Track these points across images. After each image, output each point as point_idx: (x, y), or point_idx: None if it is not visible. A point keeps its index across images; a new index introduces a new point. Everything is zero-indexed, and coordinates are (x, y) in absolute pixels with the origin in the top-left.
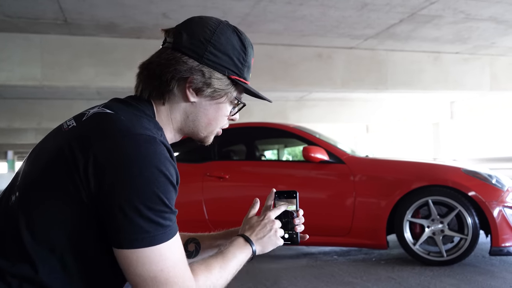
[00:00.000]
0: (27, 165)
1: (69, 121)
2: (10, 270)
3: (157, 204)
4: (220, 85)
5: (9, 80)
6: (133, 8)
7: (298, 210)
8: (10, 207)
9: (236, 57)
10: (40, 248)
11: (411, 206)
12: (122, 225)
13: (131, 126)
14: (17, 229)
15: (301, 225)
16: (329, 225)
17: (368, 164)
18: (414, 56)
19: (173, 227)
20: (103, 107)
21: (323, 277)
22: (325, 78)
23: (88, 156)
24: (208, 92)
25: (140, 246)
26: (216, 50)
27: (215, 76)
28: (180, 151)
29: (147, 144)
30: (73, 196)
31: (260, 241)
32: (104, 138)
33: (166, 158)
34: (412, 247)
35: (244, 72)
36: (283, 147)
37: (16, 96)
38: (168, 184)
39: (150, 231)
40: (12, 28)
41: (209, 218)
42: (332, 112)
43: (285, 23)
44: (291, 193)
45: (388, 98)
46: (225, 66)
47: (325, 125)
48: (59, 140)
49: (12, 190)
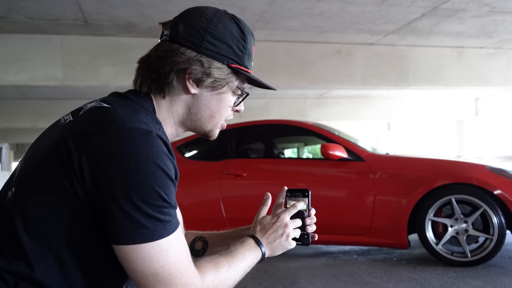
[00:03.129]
0: (24, 161)
1: (66, 116)
2: (5, 267)
3: (155, 199)
4: (220, 74)
5: (32, 81)
6: (151, 7)
7: (310, 210)
8: (6, 203)
9: (236, 45)
10: (36, 245)
11: (433, 205)
12: (120, 220)
13: (128, 119)
14: (12, 225)
15: (313, 225)
16: (348, 224)
17: (389, 162)
18: (436, 51)
19: (174, 222)
20: (100, 101)
21: (342, 277)
22: (344, 75)
23: (82, 151)
24: (209, 82)
25: (140, 242)
26: (214, 39)
27: (215, 65)
28: (197, 150)
29: (143, 138)
30: (68, 192)
31: (271, 244)
32: (99, 132)
33: (163, 152)
34: (435, 247)
35: (245, 60)
36: (303, 145)
37: (39, 97)
38: (166, 178)
39: (149, 227)
40: (34, 30)
41: (226, 216)
42: (352, 109)
43: (303, 20)
44: (303, 192)
45: (411, 95)
46: (224, 54)
47: (345, 123)
48: (55, 135)
49: (9, 186)
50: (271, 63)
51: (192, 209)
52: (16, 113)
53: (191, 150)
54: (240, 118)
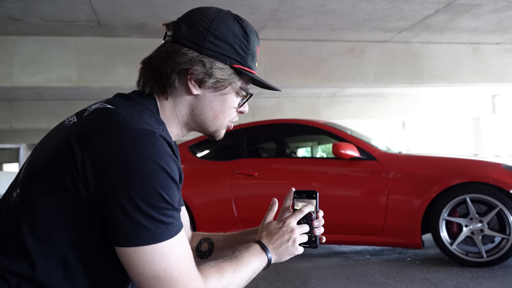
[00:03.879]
0: (29, 162)
1: (71, 117)
2: (8, 267)
3: (158, 201)
4: (222, 75)
5: (47, 82)
6: (162, 8)
7: (318, 212)
8: (11, 204)
9: (238, 45)
10: (40, 246)
11: (447, 204)
12: (121, 222)
13: (131, 120)
14: (17, 226)
15: (321, 228)
16: (360, 223)
17: (402, 161)
18: (451, 48)
19: (176, 224)
20: (104, 102)
21: (354, 277)
22: (357, 73)
23: (85, 151)
24: (211, 83)
25: (141, 244)
26: (216, 39)
27: (217, 65)
28: (209, 149)
29: (146, 138)
30: (72, 192)
31: (277, 250)
32: (102, 132)
33: (167, 153)
34: (449, 247)
35: (248, 60)
36: (317, 144)
37: (55, 98)
38: (169, 180)
39: (151, 229)
40: (49, 32)
41: (238, 215)
42: (366, 108)
43: (314, 18)
44: (311, 193)
45: (426, 93)
46: (226, 55)
47: (359, 122)
48: (59, 136)
49: (14, 187)
50: (282, 62)
51: (203, 208)
52: (33, 114)
53: (202, 150)
54: (252, 117)
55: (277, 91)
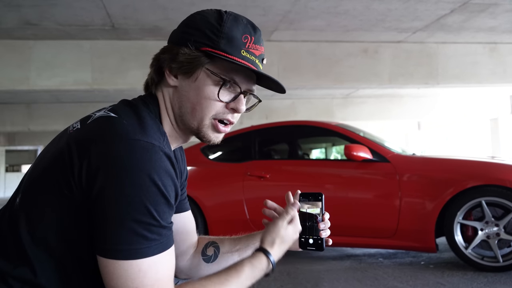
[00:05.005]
0: (32, 168)
1: (75, 124)
2: (11, 273)
3: (144, 216)
4: (186, 58)
5: (63, 85)
6: (175, 11)
7: (324, 214)
8: (14, 209)
9: (209, 29)
10: (39, 251)
11: (462, 208)
12: (104, 232)
13: (131, 130)
14: (18, 231)
15: (327, 230)
16: (373, 226)
17: (415, 163)
18: (467, 48)
19: (162, 242)
20: (109, 110)
21: (366, 280)
22: (371, 74)
23: (83, 160)
24: (176, 68)
25: (118, 257)
26: (187, 28)
27: (182, 51)
28: (221, 151)
29: (143, 151)
30: (69, 199)
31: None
32: (101, 142)
33: (162, 168)
34: (464, 251)
35: (220, 44)
36: (331, 145)
37: (71, 100)
38: (159, 196)
39: (132, 243)
40: (64, 36)
41: (250, 217)
42: (381, 109)
43: (327, 19)
44: (317, 195)
45: (442, 93)
46: (194, 40)
47: (374, 123)
48: (62, 142)
49: (17, 192)
50: (296, 63)
51: (215, 210)
52: (50, 116)
53: (215, 152)
54: (266, 119)
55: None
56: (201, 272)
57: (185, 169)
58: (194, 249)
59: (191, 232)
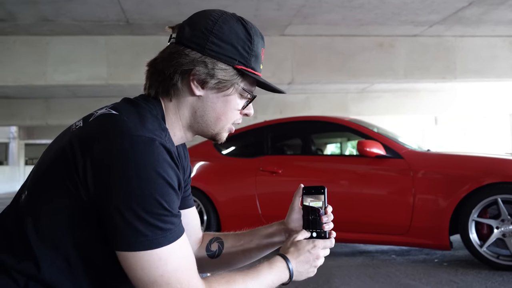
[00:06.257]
0: (37, 164)
1: (78, 122)
2: (16, 267)
3: (155, 207)
4: (224, 75)
5: (78, 80)
6: (188, 6)
7: (327, 207)
8: (20, 205)
9: (241, 46)
10: (45, 247)
11: (477, 205)
12: (120, 227)
13: (132, 127)
14: (24, 226)
15: (330, 223)
16: (385, 223)
17: (429, 159)
18: (486, 41)
19: (175, 230)
20: (110, 108)
21: (378, 277)
22: (386, 68)
23: (86, 157)
24: (213, 83)
25: (138, 249)
26: (219, 40)
27: (219, 66)
28: (234, 146)
29: (145, 146)
30: (74, 196)
31: (299, 269)
32: (103, 139)
33: (165, 161)
34: (479, 249)
35: (251, 61)
36: (346, 140)
37: (87, 95)
38: (167, 187)
39: (148, 235)
40: (80, 31)
41: (262, 212)
42: (396, 103)
43: (342, 13)
44: (319, 189)
45: (460, 88)
46: (229, 55)
47: (389, 118)
48: (64, 140)
49: (23, 189)
50: (310, 58)
51: (228, 205)
52: (67, 111)
53: (227, 147)
54: (280, 113)
55: (282, 93)
56: (206, 268)
57: (188, 166)
58: (199, 245)
59: (195, 228)
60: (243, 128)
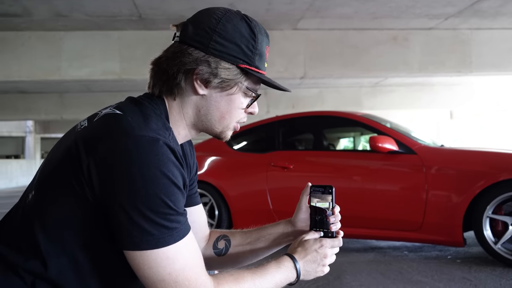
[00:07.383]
0: (44, 164)
1: (83, 121)
2: (23, 265)
3: (161, 207)
4: (228, 74)
5: (92, 75)
6: (200, 0)
7: (334, 207)
8: (27, 205)
9: (245, 44)
10: (52, 246)
11: (492, 201)
12: (126, 227)
13: (136, 126)
14: (31, 226)
15: (337, 223)
16: (398, 219)
17: (443, 155)
18: (504, 34)
19: (182, 229)
20: (114, 107)
21: (390, 274)
22: (400, 62)
23: (91, 157)
24: (216, 82)
25: (145, 248)
26: (222, 39)
27: (222, 65)
28: (245, 141)
29: (149, 145)
30: (80, 196)
31: (306, 269)
32: (108, 139)
33: (169, 160)
34: (493, 246)
35: (255, 60)
36: (359, 135)
37: (101, 90)
38: (172, 186)
39: (155, 234)
40: (93, 26)
41: (273, 208)
42: (411, 98)
43: (355, 6)
44: (327, 189)
45: (477, 82)
46: (232, 54)
47: (404, 112)
48: (70, 140)
49: (30, 188)
50: (322, 52)
51: (239, 200)
52: (81, 105)
53: (239, 142)
54: (292, 108)
55: (287, 91)
56: (212, 266)
57: (195, 163)
58: (206, 242)
59: (202, 225)
60: (254, 123)
